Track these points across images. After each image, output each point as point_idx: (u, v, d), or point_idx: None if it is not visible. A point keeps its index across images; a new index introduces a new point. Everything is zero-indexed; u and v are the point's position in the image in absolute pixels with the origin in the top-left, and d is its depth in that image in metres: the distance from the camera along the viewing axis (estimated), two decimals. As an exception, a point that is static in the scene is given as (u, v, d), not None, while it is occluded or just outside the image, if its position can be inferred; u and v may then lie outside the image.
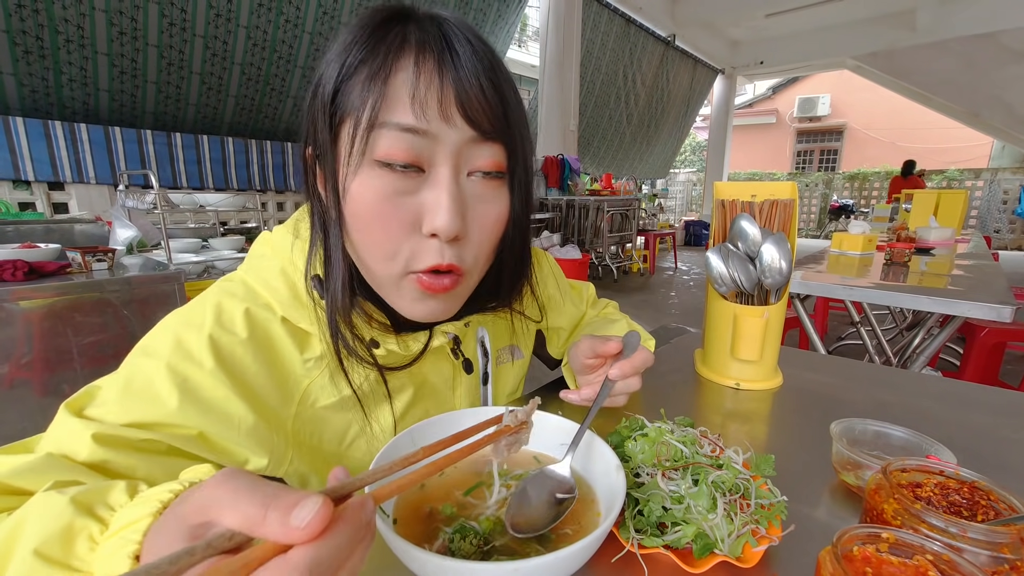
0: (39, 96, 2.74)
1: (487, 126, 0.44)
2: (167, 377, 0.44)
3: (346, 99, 0.43)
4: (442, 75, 0.42)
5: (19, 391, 1.50)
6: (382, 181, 0.43)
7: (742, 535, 0.40)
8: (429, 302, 0.49)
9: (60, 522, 0.28)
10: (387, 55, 0.42)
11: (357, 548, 0.23)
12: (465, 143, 0.44)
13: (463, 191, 0.46)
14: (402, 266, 0.47)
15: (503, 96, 0.45)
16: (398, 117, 0.42)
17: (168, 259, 2.14)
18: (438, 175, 0.44)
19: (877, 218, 4.10)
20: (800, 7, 7.09)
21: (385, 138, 0.42)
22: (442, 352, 0.60)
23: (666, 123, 8.79)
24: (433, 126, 0.43)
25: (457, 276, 0.48)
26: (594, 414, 0.49)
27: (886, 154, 12.59)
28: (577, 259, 4.88)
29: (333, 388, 0.53)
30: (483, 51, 0.45)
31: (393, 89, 0.42)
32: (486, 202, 0.48)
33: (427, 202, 0.44)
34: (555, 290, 0.76)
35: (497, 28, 4.99)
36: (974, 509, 0.39)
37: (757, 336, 0.76)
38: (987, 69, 7.50)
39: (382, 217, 0.44)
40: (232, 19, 3.14)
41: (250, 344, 0.48)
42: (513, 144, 0.47)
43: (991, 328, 2.06)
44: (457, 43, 0.44)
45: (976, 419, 0.68)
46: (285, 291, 0.51)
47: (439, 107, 0.42)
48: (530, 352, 0.77)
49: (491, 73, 0.45)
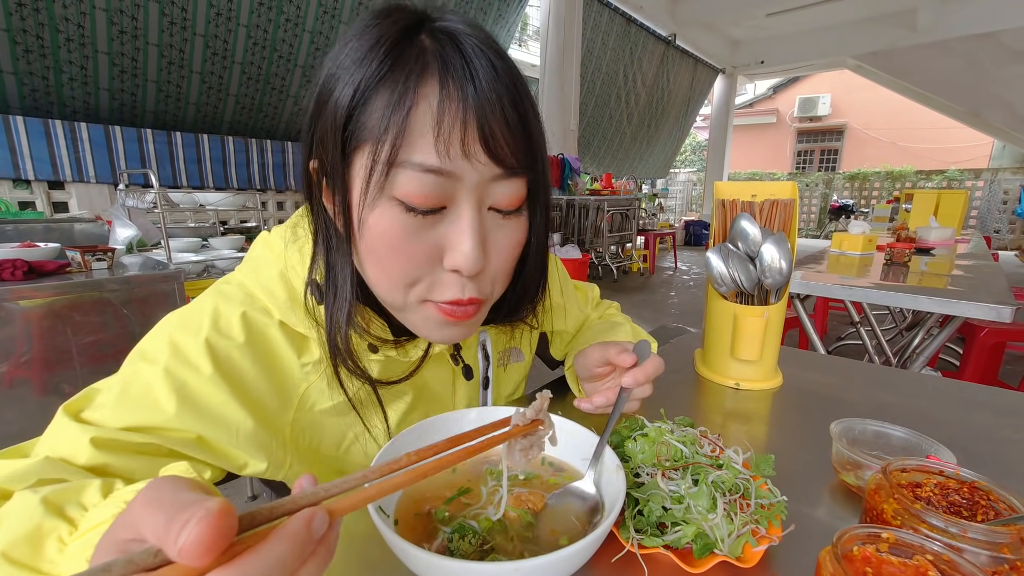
0: (39, 95, 2.73)
1: (511, 162, 0.42)
2: (165, 382, 0.43)
3: (362, 126, 0.40)
4: (465, 109, 0.39)
5: (19, 390, 1.50)
6: (403, 219, 0.41)
7: (742, 535, 0.40)
8: (450, 329, 0.48)
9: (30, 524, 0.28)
10: (407, 81, 0.39)
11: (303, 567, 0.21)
12: (487, 180, 0.42)
13: (485, 226, 0.44)
14: (420, 295, 0.45)
15: (527, 126, 0.43)
16: (420, 157, 0.39)
17: (168, 258, 2.14)
18: (460, 212, 0.42)
19: (877, 218, 4.10)
20: (800, 7, 7.08)
21: (405, 177, 0.40)
22: (442, 357, 0.60)
23: (666, 123, 8.79)
24: (456, 165, 0.40)
25: (479, 305, 0.47)
26: (613, 424, 0.49)
27: (886, 154, 12.59)
28: (577, 259, 4.88)
29: (331, 392, 0.52)
30: (504, 72, 0.41)
31: (415, 123, 0.39)
32: (506, 231, 0.46)
33: (449, 237, 0.42)
34: (559, 295, 0.75)
35: (497, 28, 4.99)
36: (974, 509, 0.39)
37: (757, 336, 0.76)
38: (987, 69, 7.49)
39: (401, 252, 0.42)
40: (232, 18, 3.13)
41: (247, 349, 0.48)
42: (536, 174, 0.45)
43: (991, 328, 2.06)
44: (480, 68, 0.40)
45: (976, 419, 0.68)
46: (283, 295, 0.50)
47: (462, 145, 0.39)
48: (532, 354, 0.77)
49: (515, 99, 0.41)
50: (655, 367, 0.55)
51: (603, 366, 0.59)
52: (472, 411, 0.52)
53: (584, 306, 0.80)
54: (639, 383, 0.53)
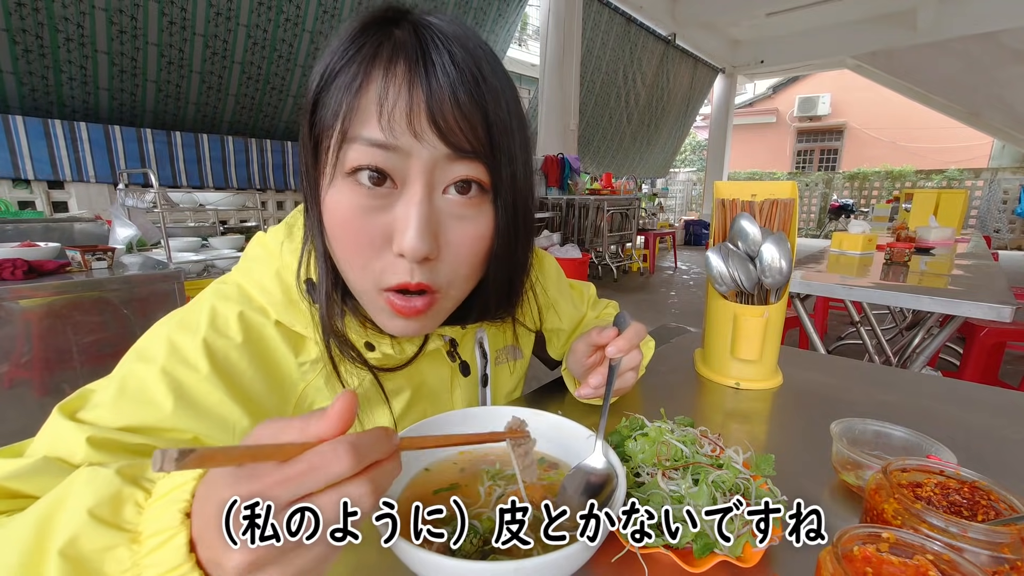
0: (39, 95, 2.73)
1: (463, 143, 0.42)
2: (162, 381, 0.43)
3: (324, 110, 0.43)
4: (411, 87, 0.40)
5: (19, 390, 1.50)
6: (354, 195, 0.43)
7: (742, 535, 0.40)
8: (401, 321, 0.47)
9: (110, 489, 0.29)
10: (360, 65, 0.42)
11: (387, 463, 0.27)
12: (440, 160, 0.42)
13: (436, 209, 0.44)
14: (373, 281, 0.45)
15: (484, 110, 0.43)
16: (367, 131, 0.41)
17: (168, 258, 2.14)
18: (410, 192, 0.43)
19: (877, 218, 4.10)
20: (800, 7, 7.08)
21: (355, 152, 0.42)
22: (439, 354, 0.60)
23: (666, 122, 8.79)
24: (403, 141, 0.41)
25: (431, 296, 0.46)
26: (610, 398, 0.51)
27: (886, 154, 12.58)
28: (577, 258, 4.87)
29: (329, 391, 0.52)
30: (466, 61, 0.42)
31: (364, 102, 0.41)
32: (464, 220, 0.45)
33: (397, 220, 0.43)
34: (556, 292, 0.75)
35: (497, 27, 4.99)
36: (974, 509, 0.39)
37: (757, 336, 0.76)
38: (987, 69, 7.49)
39: (353, 231, 0.43)
40: (232, 18, 3.13)
41: (245, 348, 0.48)
42: (496, 161, 0.45)
43: (991, 328, 2.06)
44: (435, 52, 0.41)
45: (976, 419, 0.68)
46: (279, 294, 0.50)
47: (408, 122, 0.41)
48: (530, 352, 0.77)
49: (472, 85, 0.42)
50: (636, 332, 0.56)
51: (591, 354, 0.60)
52: (472, 411, 0.52)
53: (579, 304, 0.81)
54: (623, 351, 0.55)
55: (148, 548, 0.27)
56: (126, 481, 0.30)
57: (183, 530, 0.26)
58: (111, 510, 0.29)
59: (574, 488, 0.42)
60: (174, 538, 0.26)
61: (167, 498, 0.28)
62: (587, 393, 0.60)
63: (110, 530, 0.28)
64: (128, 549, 0.28)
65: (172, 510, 0.27)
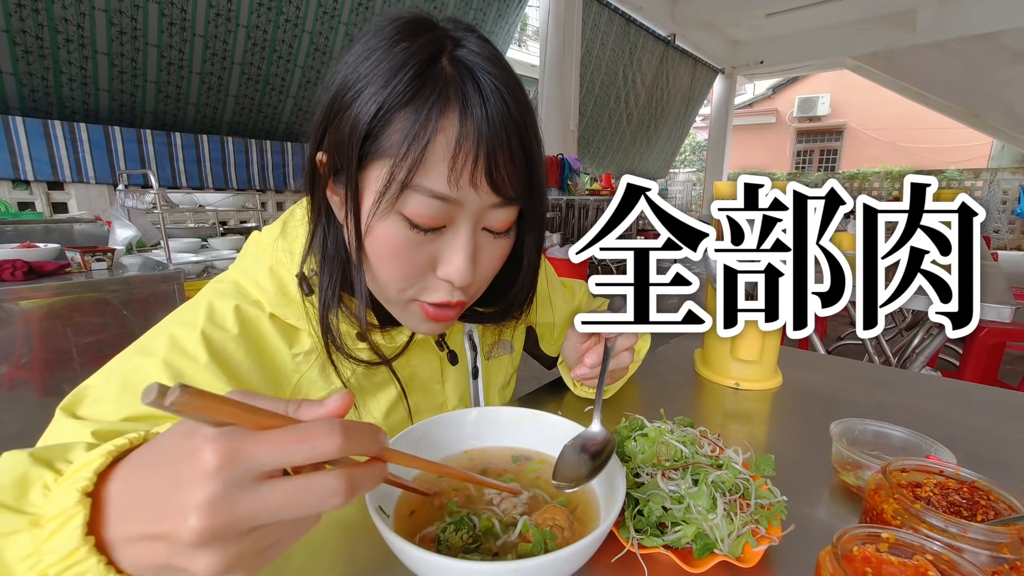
0: (39, 96, 2.73)
1: (510, 192, 0.46)
2: (163, 371, 0.45)
3: (381, 143, 0.43)
4: (479, 145, 0.43)
5: (19, 391, 1.50)
6: (407, 234, 0.45)
7: (742, 535, 0.40)
8: (433, 324, 0.52)
9: (16, 472, 0.28)
10: (430, 112, 0.42)
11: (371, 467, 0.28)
12: (487, 206, 0.46)
13: (478, 244, 0.48)
14: (411, 295, 0.50)
15: (530, 160, 0.46)
16: (433, 184, 0.43)
17: (167, 259, 2.14)
18: (458, 232, 0.46)
19: (877, 218, 4.10)
20: (800, 7, 7.08)
21: (416, 200, 0.43)
22: (427, 344, 0.62)
23: (666, 123, 8.79)
24: (462, 194, 0.44)
25: (462, 305, 0.51)
26: (606, 374, 0.55)
27: (886, 154, 12.59)
28: (577, 259, 4.87)
29: (323, 382, 0.55)
30: (517, 110, 0.45)
31: (432, 153, 0.42)
32: (494, 248, 0.50)
33: (445, 252, 0.47)
34: (548, 287, 0.76)
35: (497, 28, 4.99)
36: (974, 509, 0.39)
37: (757, 336, 0.76)
38: (987, 69, 7.50)
39: (400, 261, 0.47)
40: (232, 18, 3.13)
41: (241, 340, 0.50)
42: (533, 201, 0.49)
43: (991, 328, 2.05)
44: (494, 106, 0.43)
45: (976, 419, 0.68)
46: (273, 289, 0.52)
47: (471, 177, 0.43)
48: (521, 347, 0.78)
49: (524, 138, 0.45)
50: None
51: (586, 340, 0.62)
52: (472, 411, 0.53)
53: (571, 299, 0.82)
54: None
55: (47, 532, 0.25)
56: (36, 462, 0.29)
57: (80, 510, 0.25)
58: (15, 493, 0.27)
59: (574, 451, 0.45)
60: (71, 520, 0.25)
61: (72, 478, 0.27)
62: (583, 373, 0.61)
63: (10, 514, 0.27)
64: (29, 534, 0.26)
65: (71, 490, 0.26)
